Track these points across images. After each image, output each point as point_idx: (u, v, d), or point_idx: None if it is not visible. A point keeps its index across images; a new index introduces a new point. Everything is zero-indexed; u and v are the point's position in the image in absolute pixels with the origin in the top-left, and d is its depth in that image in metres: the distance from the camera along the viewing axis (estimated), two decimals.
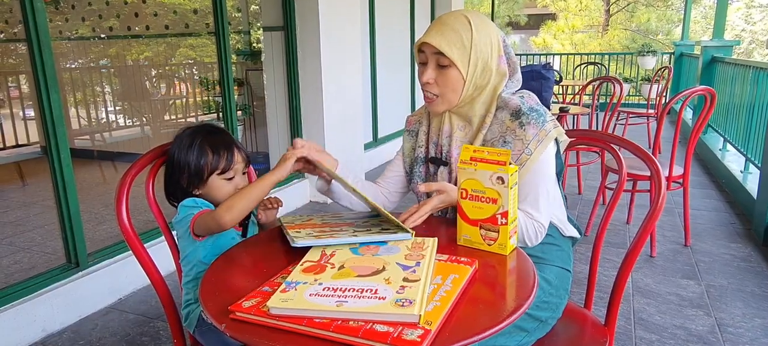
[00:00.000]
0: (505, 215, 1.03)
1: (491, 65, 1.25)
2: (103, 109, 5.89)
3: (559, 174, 1.33)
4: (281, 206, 1.37)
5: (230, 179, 1.29)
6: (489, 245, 1.06)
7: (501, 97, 1.27)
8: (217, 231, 1.22)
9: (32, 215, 3.77)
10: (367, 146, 4.91)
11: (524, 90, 1.33)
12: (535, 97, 1.31)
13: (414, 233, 1.08)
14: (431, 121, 1.38)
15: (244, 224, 1.35)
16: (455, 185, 1.18)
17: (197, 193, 1.30)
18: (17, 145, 4.77)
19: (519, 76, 1.32)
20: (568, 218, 1.38)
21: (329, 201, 3.93)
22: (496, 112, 1.28)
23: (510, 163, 1.02)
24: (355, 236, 1.08)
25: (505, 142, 1.24)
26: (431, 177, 1.37)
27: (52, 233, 3.28)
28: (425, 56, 1.26)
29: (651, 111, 5.74)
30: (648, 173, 2.71)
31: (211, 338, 1.26)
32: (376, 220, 1.23)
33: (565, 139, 1.29)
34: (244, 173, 1.34)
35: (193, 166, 1.26)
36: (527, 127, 1.22)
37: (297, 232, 1.11)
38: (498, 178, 1.02)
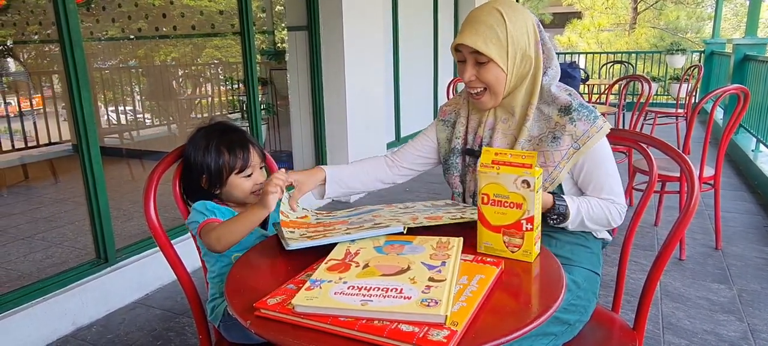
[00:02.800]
0: (530, 220, 0.99)
1: (530, 53, 1.23)
2: (132, 108, 6.02)
3: None
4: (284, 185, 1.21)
5: (249, 175, 1.31)
6: (512, 252, 1.02)
7: (549, 93, 1.25)
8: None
9: (64, 211, 3.87)
10: (390, 146, 4.91)
11: (569, 87, 1.31)
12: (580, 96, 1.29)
13: (405, 227, 1.07)
14: (471, 113, 1.37)
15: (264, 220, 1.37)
16: None
17: (217, 192, 1.31)
18: (50, 143, 4.90)
19: (556, 62, 1.29)
20: None
21: (353, 199, 3.94)
22: (541, 107, 1.26)
23: (535, 166, 1.00)
24: (348, 232, 1.08)
25: (554, 137, 1.23)
26: (467, 168, 1.36)
27: (82, 229, 3.36)
28: (463, 55, 1.25)
29: (680, 111, 5.60)
30: (677, 174, 2.67)
31: (236, 332, 1.28)
32: (369, 216, 1.22)
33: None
34: (261, 167, 1.36)
35: (213, 168, 1.28)
36: (578, 123, 1.21)
37: (291, 232, 1.12)
38: (523, 181, 0.98)
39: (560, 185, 1.26)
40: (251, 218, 1.15)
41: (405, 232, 1.07)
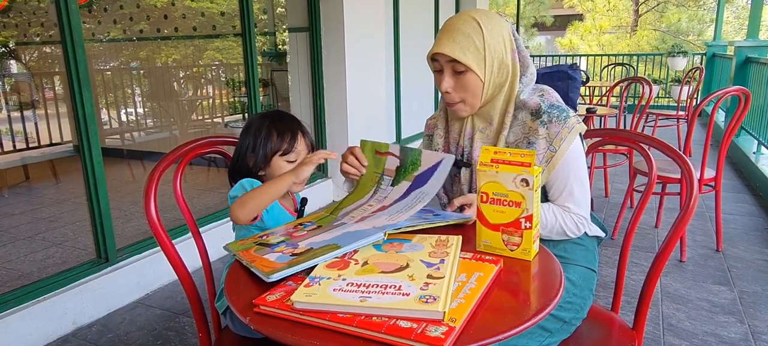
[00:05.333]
0: (529, 218, 0.99)
1: (507, 61, 1.23)
2: (133, 109, 6.03)
3: None
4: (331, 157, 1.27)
5: (292, 161, 1.34)
6: (511, 250, 1.02)
7: (519, 99, 1.25)
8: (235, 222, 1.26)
9: (65, 212, 3.87)
10: None
11: (544, 86, 1.30)
12: (556, 94, 1.28)
13: (386, 233, 1.03)
14: (451, 123, 1.36)
15: (300, 211, 1.41)
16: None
17: (262, 174, 1.36)
18: (51, 144, 4.91)
19: (532, 69, 1.28)
20: (592, 216, 1.36)
21: None
22: (515, 113, 1.26)
23: (534, 165, 1.00)
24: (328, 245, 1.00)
25: (529, 143, 1.22)
26: (454, 179, 1.35)
27: (83, 229, 3.37)
28: (440, 65, 1.23)
29: (681, 113, 5.60)
30: (678, 176, 2.67)
31: (240, 324, 1.29)
32: (348, 221, 1.15)
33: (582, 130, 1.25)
34: None
35: (260, 147, 1.33)
36: (550, 126, 1.20)
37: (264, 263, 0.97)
38: (522, 180, 0.99)
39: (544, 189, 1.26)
40: (278, 185, 1.21)
41: (386, 236, 1.03)
